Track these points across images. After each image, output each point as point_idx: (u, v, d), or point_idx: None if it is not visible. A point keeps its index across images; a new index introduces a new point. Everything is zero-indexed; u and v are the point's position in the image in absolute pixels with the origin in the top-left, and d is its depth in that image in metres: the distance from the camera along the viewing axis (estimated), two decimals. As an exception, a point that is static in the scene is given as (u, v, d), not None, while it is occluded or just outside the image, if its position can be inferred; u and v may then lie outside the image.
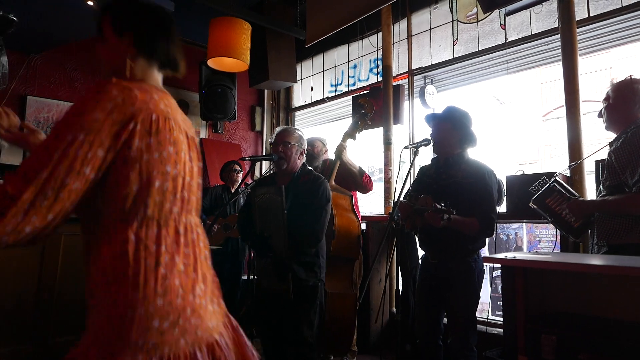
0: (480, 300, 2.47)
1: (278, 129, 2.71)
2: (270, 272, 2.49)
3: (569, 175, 2.95)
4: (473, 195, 2.37)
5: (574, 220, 2.14)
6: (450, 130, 2.52)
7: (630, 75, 2.25)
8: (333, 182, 3.47)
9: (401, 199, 2.54)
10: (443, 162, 2.55)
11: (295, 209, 2.48)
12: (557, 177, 2.27)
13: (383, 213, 4.29)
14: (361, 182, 3.55)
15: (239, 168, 4.64)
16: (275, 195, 2.47)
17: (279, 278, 2.44)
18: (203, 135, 5.53)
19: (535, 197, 2.28)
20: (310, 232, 2.47)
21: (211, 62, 4.04)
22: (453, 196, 2.30)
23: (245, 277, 4.62)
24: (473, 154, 2.61)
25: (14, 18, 1.77)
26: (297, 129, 2.72)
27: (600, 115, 2.32)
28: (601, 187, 2.22)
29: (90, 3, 3.34)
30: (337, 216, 3.29)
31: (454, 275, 2.38)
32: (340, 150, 3.52)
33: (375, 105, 4.43)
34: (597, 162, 2.28)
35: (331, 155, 3.70)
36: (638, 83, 2.20)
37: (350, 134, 3.60)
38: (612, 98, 2.24)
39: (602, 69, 10.13)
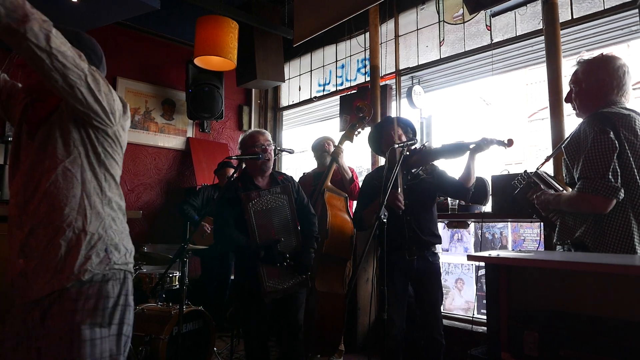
0: (465, 299, 2.54)
1: (252, 132, 2.77)
2: (284, 272, 2.57)
3: (553, 175, 2.99)
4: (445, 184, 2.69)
5: (550, 216, 2.06)
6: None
7: (602, 53, 2.00)
8: (329, 183, 3.49)
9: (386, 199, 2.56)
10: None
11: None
12: (538, 170, 2.17)
13: (370, 212, 4.30)
14: (348, 189, 3.60)
15: (232, 172, 4.54)
16: (280, 195, 2.63)
17: (300, 272, 2.59)
18: (190, 134, 5.50)
19: (517, 191, 2.20)
20: (316, 223, 2.79)
21: (198, 61, 4.01)
22: (425, 192, 2.67)
23: (233, 277, 4.61)
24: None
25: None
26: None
27: (568, 99, 2.08)
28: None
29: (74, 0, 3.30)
30: (331, 216, 3.31)
31: (430, 270, 2.64)
32: (337, 153, 3.55)
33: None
34: None
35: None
36: (613, 62, 1.93)
37: (348, 137, 3.63)
38: (584, 82, 1.97)
39: (585, 71, 10.21)
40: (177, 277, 3.52)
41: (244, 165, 2.82)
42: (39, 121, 1.47)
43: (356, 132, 3.63)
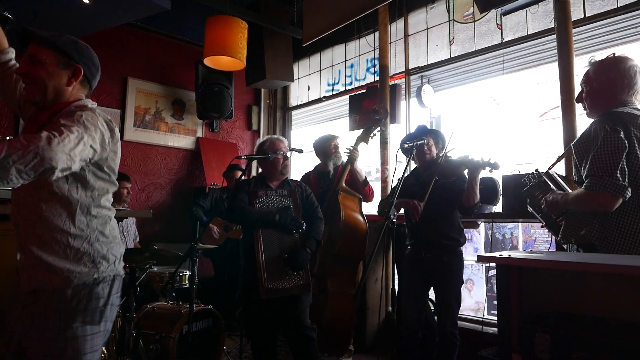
0: (475, 300, 2.56)
1: (273, 138, 2.83)
2: (285, 272, 2.61)
3: (564, 175, 2.96)
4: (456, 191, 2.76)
5: (555, 217, 2.06)
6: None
7: (614, 53, 2.04)
8: (343, 184, 3.50)
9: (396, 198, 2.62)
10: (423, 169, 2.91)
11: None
12: (549, 171, 2.17)
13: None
14: (362, 191, 3.59)
15: (239, 175, 4.52)
16: (286, 197, 2.72)
17: (293, 267, 2.60)
18: (200, 134, 5.53)
19: (526, 189, 2.21)
20: (321, 227, 2.81)
21: (208, 61, 4.03)
22: (442, 198, 2.73)
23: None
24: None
25: (10, 16, 1.76)
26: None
27: (579, 99, 2.07)
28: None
29: (86, 1, 3.33)
30: (345, 216, 3.32)
31: (443, 270, 2.70)
32: (353, 155, 3.54)
33: (372, 105, 4.44)
34: None
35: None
36: (624, 63, 1.94)
37: (364, 138, 3.63)
38: (595, 81, 1.97)
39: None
40: (187, 276, 3.54)
41: (256, 170, 2.89)
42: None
43: (372, 134, 3.63)
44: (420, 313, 2.74)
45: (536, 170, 2.20)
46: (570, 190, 2.08)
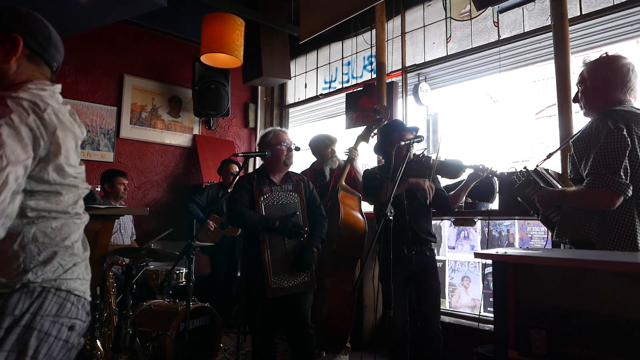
0: (472, 297, 2.57)
1: (277, 130, 2.82)
2: (290, 270, 2.61)
3: (560, 172, 2.97)
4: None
5: (549, 214, 2.07)
6: None
7: (606, 53, 2.06)
8: (343, 183, 3.50)
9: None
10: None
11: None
12: (537, 168, 2.18)
13: (376, 210, 4.30)
14: (361, 189, 3.60)
15: (237, 170, 4.49)
16: (291, 193, 2.71)
17: (299, 268, 2.62)
18: (196, 131, 5.51)
19: (516, 187, 2.21)
20: (325, 225, 2.82)
21: (204, 58, 4.01)
22: (423, 196, 2.79)
23: (239, 274, 4.63)
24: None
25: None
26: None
27: (575, 99, 2.11)
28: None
29: (81, -2, 3.31)
30: (344, 214, 3.33)
31: (428, 263, 2.78)
32: (353, 155, 3.55)
33: (369, 102, 4.44)
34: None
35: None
36: (617, 61, 1.96)
37: (364, 137, 3.64)
38: (589, 80, 2.00)
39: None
40: (183, 273, 3.53)
41: (254, 167, 2.87)
42: None
43: (372, 134, 3.65)
44: (404, 310, 2.75)
45: (525, 167, 2.21)
46: (559, 186, 2.08)
